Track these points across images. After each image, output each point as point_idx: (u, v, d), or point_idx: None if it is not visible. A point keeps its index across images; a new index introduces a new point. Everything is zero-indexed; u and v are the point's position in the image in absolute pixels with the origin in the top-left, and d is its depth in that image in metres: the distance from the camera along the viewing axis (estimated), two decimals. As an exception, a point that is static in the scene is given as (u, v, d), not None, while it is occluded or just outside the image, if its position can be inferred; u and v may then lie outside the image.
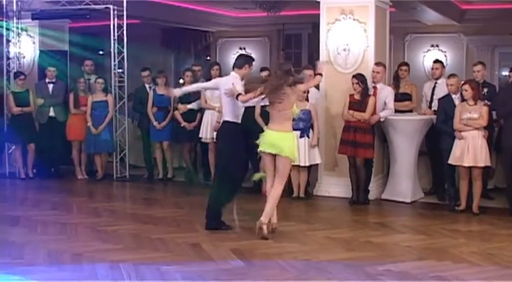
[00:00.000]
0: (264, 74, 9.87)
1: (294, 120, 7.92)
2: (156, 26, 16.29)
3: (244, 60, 7.88)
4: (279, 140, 7.35)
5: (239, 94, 7.47)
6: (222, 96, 7.82)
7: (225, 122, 7.79)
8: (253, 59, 8.16)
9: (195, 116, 10.77)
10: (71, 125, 11.46)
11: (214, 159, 9.79)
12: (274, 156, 7.42)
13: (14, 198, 10.19)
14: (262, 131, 7.67)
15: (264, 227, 7.26)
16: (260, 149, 7.54)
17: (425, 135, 9.58)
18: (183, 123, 10.82)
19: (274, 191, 7.45)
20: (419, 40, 15.65)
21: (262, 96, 7.41)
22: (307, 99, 9.51)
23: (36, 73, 12.54)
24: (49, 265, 6.43)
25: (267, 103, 7.58)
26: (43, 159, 11.66)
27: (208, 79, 10.00)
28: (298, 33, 16.79)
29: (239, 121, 7.74)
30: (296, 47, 16.91)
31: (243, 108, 7.79)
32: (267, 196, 7.52)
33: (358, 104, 9.23)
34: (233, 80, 7.70)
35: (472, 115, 8.54)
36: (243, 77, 7.83)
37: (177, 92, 8.67)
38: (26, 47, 12.51)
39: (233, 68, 7.92)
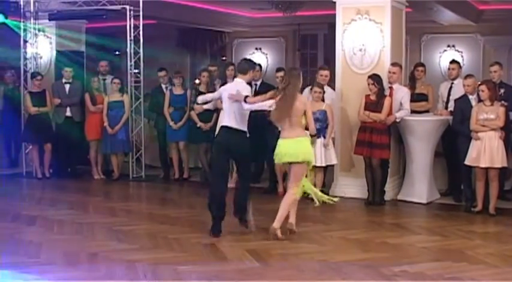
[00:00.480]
0: (280, 74, 9.90)
1: None
2: (172, 27, 16.31)
3: (247, 66, 7.73)
4: (294, 145, 7.27)
5: (247, 96, 7.39)
6: (223, 101, 7.70)
7: (222, 127, 7.69)
8: (255, 64, 8.02)
9: (211, 116, 10.76)
10: (89, 125, 11.54)
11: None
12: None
13: (30, 197, 10.24)
14: (274, 132, 7.58)
15: (278, 232, 7.25)
16: (276, 162, 7.65)
17: (442, 136, 9.55)
18: (199, 124, 10.84)
19: (287, 196, 7.43)
20: (436, 40, 15.57)
21: (271, 101, 7.31)
22: (323, 100, 9.50)
23: (53, 73, 12.60)
24: (65, 265, 6.46)
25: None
26: (60, 159, 11.74)
27: (225, 82, 9.99)
28: (314, 34, 16.75)
29: (238, 127, 7.50)
30: (312, 47, 16.85)
31: (246, 116, 7.58)
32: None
33: (374, 104, 9.21)
34: (238, 86, 7.56)
35: (488, 116, 8.49)
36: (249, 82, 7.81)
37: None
38: (43, 47, 12.55)
39: (238, 73, 7.81)
